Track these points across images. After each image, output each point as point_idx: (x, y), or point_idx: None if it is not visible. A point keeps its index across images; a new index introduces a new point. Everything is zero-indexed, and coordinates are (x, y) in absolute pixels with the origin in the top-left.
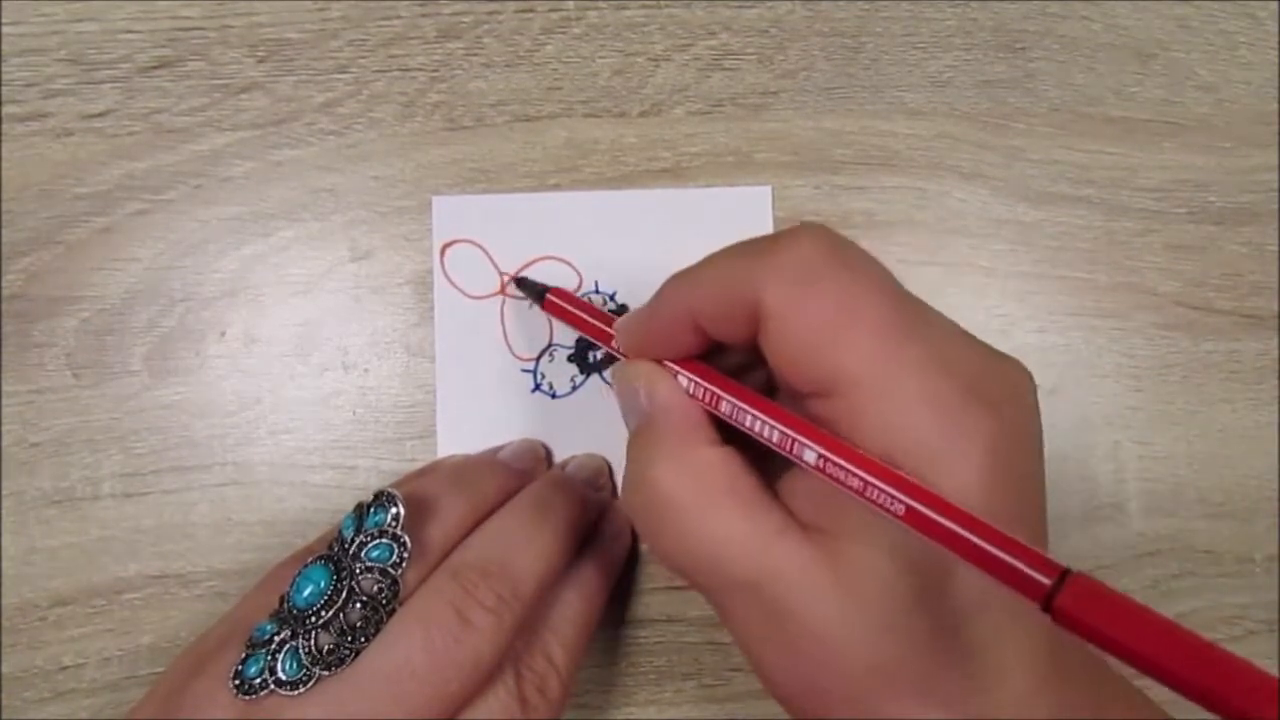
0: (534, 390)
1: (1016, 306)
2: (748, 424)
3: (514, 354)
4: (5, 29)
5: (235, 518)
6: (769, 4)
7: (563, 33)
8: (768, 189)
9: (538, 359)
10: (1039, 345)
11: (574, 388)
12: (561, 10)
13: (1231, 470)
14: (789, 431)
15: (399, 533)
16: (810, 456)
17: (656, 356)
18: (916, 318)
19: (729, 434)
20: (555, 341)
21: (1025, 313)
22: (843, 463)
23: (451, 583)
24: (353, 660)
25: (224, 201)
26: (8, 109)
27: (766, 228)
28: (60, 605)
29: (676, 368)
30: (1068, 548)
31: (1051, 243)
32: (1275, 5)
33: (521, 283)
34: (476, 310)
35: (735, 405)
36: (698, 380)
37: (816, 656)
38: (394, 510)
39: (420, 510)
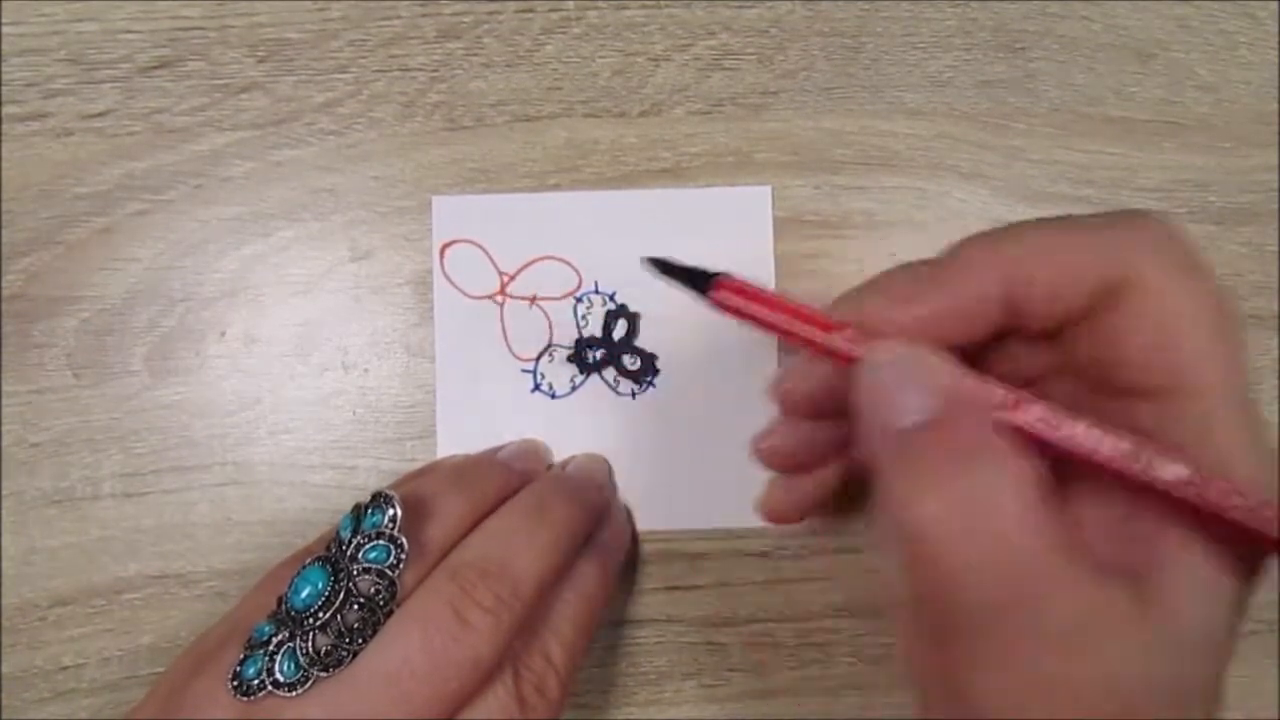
0: (534, 390)
1: None
2: (1079, 437)
3: (514, 354)
4: (5, 29)
5: (235, 518)
6: (769, 4)
7: (563, 33)
8: (768, 189)
9: (538, 359)
10: None
11: (574, 388)
12: (561, 10)
13: None
14: (1142, 444)
15: (396, 534)
16: (1174, 474)
17: (924, 338)
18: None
19: None
20: (555, 341)
21: None
22: (1217, 483)
23: (449, 583)
24: (351, 661)
25: (224, 201)
26: (8, 109)
27: (766, 228)
28: (60, 605)
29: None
30: None
31: None
32: (1275, 5)
33: (666, 267)
34: (476, 310)
35: (1056, 415)
36: (994, 383)
37: (1114, 698)
38: (391, 512)
39: (418, 511)
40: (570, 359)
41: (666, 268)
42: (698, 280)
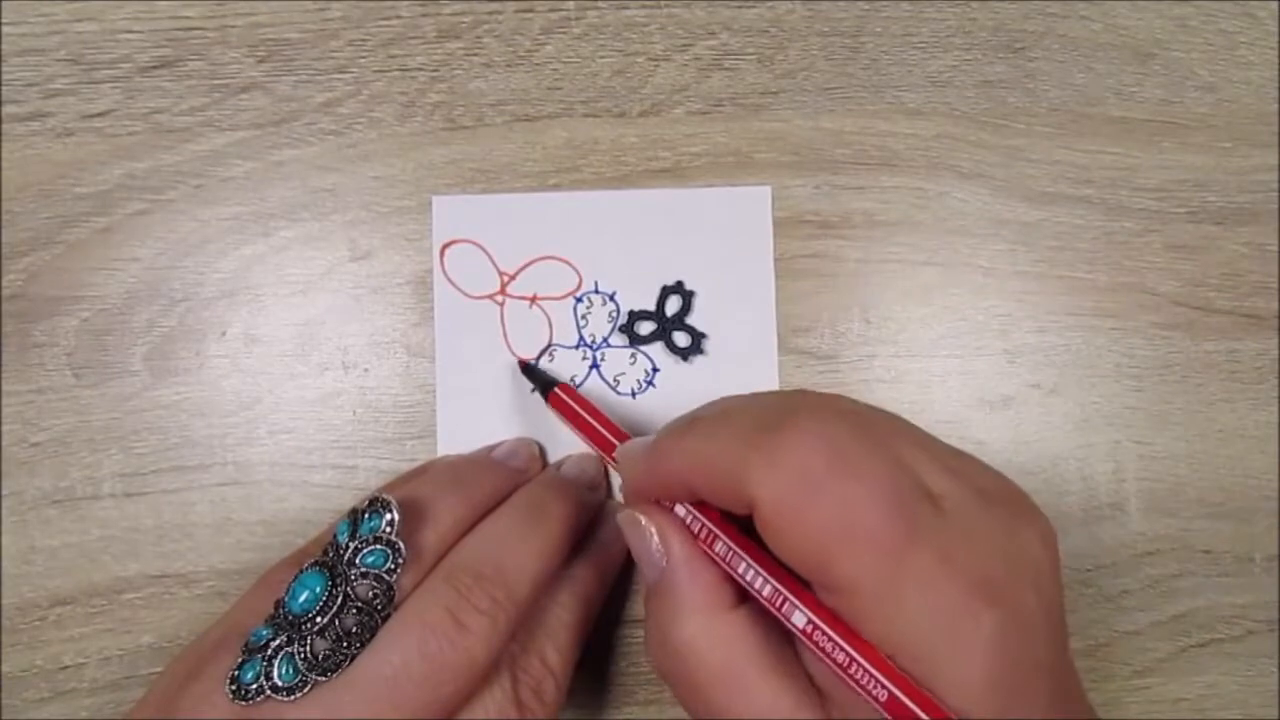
0: (534, 390)
1: (1016, 306)
2: (740, 571)
3: (514, 354)
4: (5, 29)
5: (235, 518)
6: (769, 4)
7: (563, 33)
8: (767, 189)
9: (537, 359)
10: (1039, 345)
11: (573, 388)
12: (561, 10)
13: (1231, 470)
14: (781, 589)
15: (393, 539)
16: (800, 620)
17: (656, 501)
18: (922, 520)
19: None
20: (555, 341)
21: (1025, 313)
22: (832, 635)
23: (445, 586)
24: (348, 665)
25: (224, 201)
26: (8, 109)
27: (766, 228)
28: (60, 605)
29: (679, 505)
30: (1068, 547)
31: (1051, 243)
32: (1275, 5)
33: (528, 370)
34: (476, 310)
35: (731, 550)
36: (696, 515)
37: None
38: (389, 516)
39: (414, 514)
40: (622, 329)
41: (525, 368)
42: (545, 384)
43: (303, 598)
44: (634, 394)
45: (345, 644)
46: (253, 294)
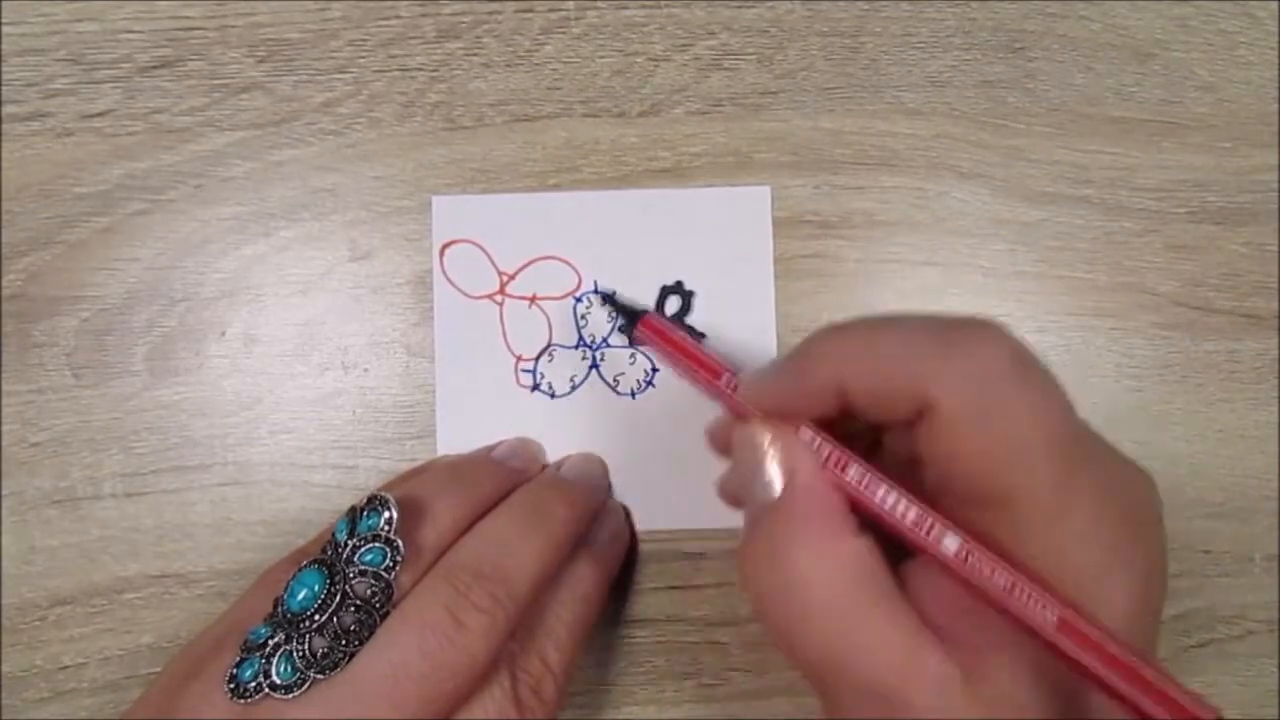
0: (534, 390)
1: (1016, 307)
2: (879, 498)
3: (514, 354)
4: (5, 29)
5: (235, 518)
6: (769, 4)
7: (562, 33)
8: (767, 189)
9: (537, 359)
10: (1038, 345)
11: (573, 387)
12: (561, 10)
13: (1230, 470)
14: (929, 512)
15: (392, 536)
16: (951, 545)
17: (787, 416)
18: (1087, 443)
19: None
20: (555, 341)
21: (1025, 313)
22: (991, 557)
23: (445, 584)
24: (347, 663)
25: (224, 201)
26: (8, 109)
27: (766, 228)
28: (60, 605)
29: (805, 427)
30: None
31: (1051, 243)
32: (1275, 5)
33: (611, 300)
34: (476, 310)
35: (868, 474)
36: (825, 440)
37: None
38: (387, 514)
39: (413, 513)
40: (622, 329)
41: (607, 298)
42: (631, 315)
43: (301, 596)
44: (634, 394)
45: (344, 642)
46: (253, 294)
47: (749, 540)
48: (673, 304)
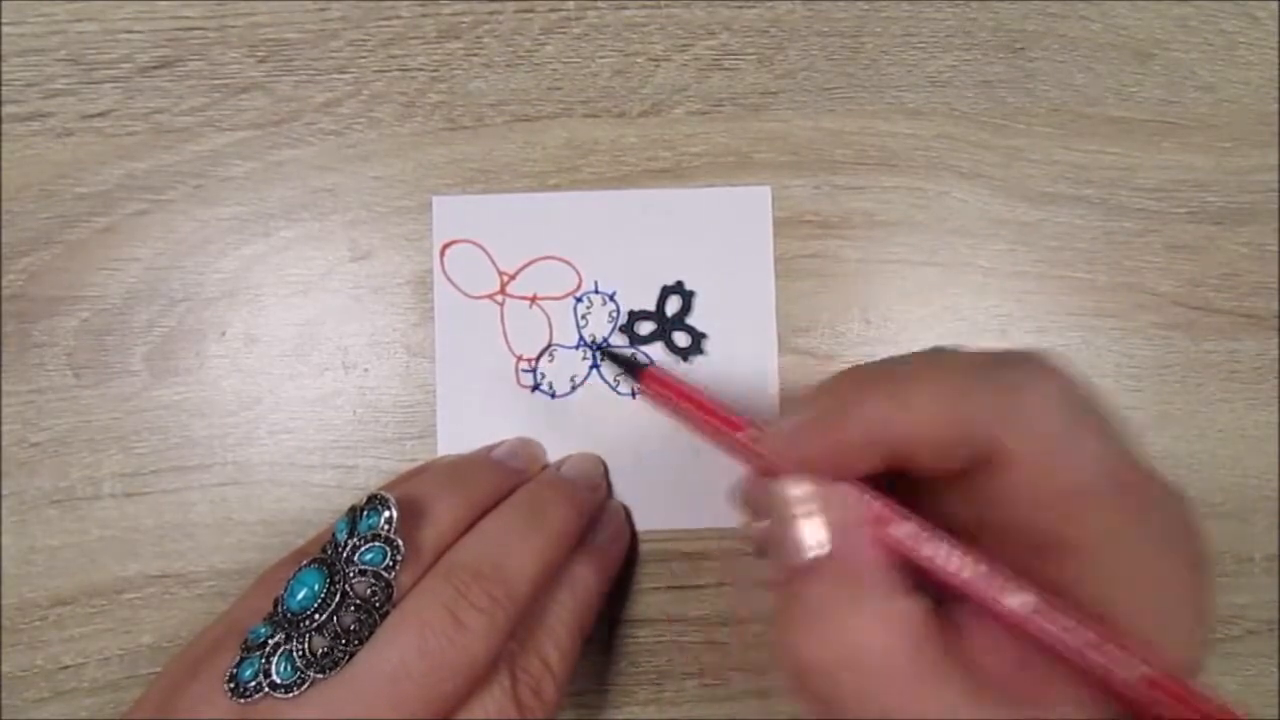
0: (534, 390)
1: (1016, 307)
2: (939, 556)
3: (514, 354)
4: (5, 29)
5: (235, 518)
6: (769, 4)
7: (563, 33)
8: (767, 189)
9: (537, 359)
10: (1038, 345)
11: (574, 387)
12: (561, 10)
13: (1230, 470)
14: (996, 568)
15: (392, 536)
16: (1015, 601)
17: (824, 473)
18: (1152, 484)
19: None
20: (555, 341)
21: (1025, 313)
22: (1060, 613)
23: (444, 584)
24: (347, 663)
25: (224, 201)
26: (8, 109)
27: (766, 228)
28: (60, 605)
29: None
30: None
31: (1051, 243)
32: (1275, 5)
33: (612, 356)
34: (476, 310)
35: (924, 531)
36: (869, 493)
37: None
38: (387, 514)
39: (413, 512)
40: (622, 329)
41: (608, 354)
42: (631, 368)
43: (301, 595)
44: (634, 394)
45: (344, 641)
46: (253, 294)
47: (789, 607)
48: (673, 304)
